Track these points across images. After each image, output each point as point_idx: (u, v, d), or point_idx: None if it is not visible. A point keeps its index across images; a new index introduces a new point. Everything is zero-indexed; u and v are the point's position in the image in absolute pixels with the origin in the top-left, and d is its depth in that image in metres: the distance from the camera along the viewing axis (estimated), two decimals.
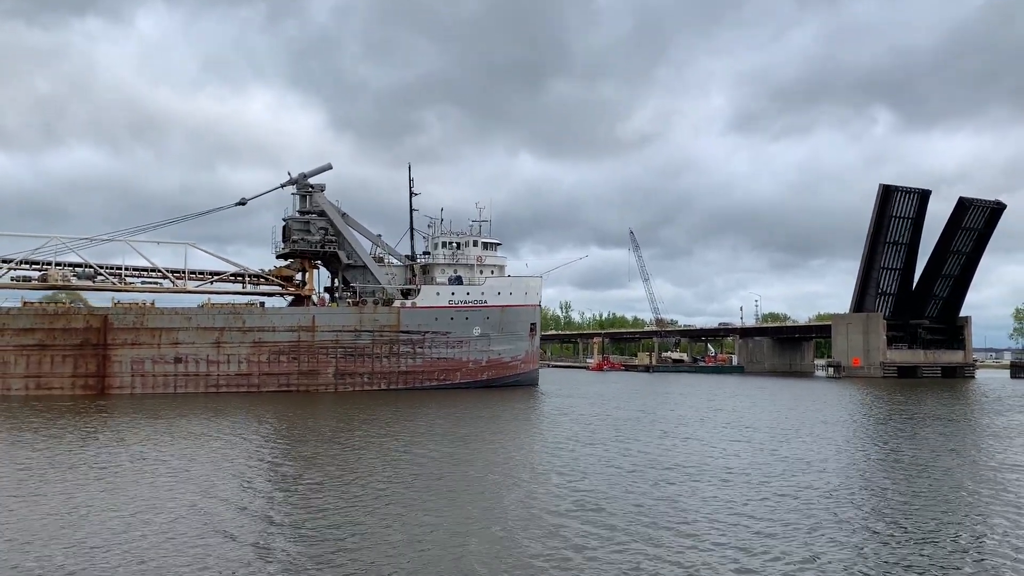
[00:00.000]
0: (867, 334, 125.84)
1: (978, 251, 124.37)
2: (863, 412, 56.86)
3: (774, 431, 42.40)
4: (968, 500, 23.71)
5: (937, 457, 32.72)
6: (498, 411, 54.83)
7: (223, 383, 72.95)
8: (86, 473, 27.91)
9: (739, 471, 28.69)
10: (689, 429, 43.61)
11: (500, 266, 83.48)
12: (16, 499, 23.36)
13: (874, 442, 38.38)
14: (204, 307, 75.77)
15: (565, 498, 23.56)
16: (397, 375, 77.15)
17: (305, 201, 79.96)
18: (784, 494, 24.20)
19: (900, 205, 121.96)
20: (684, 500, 23.30)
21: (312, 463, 30.42)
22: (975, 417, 53.14)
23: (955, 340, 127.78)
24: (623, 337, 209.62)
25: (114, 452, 33.27)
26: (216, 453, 33.36)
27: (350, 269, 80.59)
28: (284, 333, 74.69)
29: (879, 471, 29.15)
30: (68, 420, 46.63)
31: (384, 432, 41.23)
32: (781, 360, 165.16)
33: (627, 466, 29.77)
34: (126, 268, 74.37)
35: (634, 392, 79.20)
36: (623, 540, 18.70)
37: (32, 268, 72.09)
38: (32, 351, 68.71)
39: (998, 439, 39.74)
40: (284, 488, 25.33)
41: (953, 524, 20.59)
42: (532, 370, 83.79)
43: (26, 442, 36.51)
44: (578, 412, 54.38)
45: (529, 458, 32.17)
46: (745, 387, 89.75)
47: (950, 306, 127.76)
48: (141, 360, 71.14)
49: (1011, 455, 33.96)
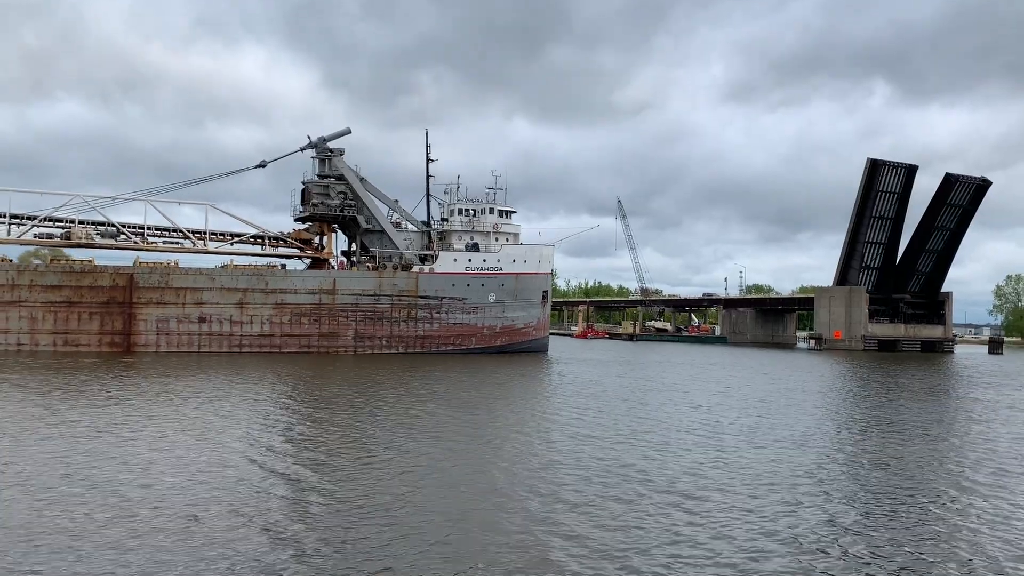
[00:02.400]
0: (849, 307, 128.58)
1: (962, 227, 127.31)
2: (846, 384, 58.99)
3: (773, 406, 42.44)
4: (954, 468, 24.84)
5: (908, 429, 33.15)
6: (527, 377, 57.26)
7: (246, 343, 74.22)
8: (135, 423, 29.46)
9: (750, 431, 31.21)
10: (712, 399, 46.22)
11: (515, 234, 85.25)
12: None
13: (855, 410, 40.25)
14: (227, 268, 76.64)
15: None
16: (414, 339, 79.00)
17: (324, 165, 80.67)
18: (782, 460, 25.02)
19: (887, 180, 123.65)
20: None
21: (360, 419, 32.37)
22: (946, 390, 55.21)
23: (936, 315, 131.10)
24: (608, 305, 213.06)
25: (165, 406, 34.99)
26: (256, 408, 35.11)
27: (368, 234, 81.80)
28: (305, 295, 75.98)
29: (861, 440, 30.00)
30: (107, 375, 47.99)
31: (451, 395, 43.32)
32: (764, 331, 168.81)
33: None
34: (148, 227, 74.87)
35: (626, 360, 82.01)
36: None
37: (55, 225, 72.33)
38: (60, 308, 69.28)
39: (963, 414, 40.26)
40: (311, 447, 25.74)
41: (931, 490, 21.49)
42: (543, 337, 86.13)
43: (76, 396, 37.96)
44: (602, 381, 56.99)
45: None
46: (730, 357, 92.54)
47: (932, 281, 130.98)
48: (166, 319, 72.09)
49: (972, 428, 35.65)
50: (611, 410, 36.77)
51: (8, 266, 69.44)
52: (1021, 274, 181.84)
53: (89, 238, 72.28)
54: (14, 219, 70.28)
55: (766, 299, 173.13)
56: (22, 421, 28.90)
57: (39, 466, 21.31)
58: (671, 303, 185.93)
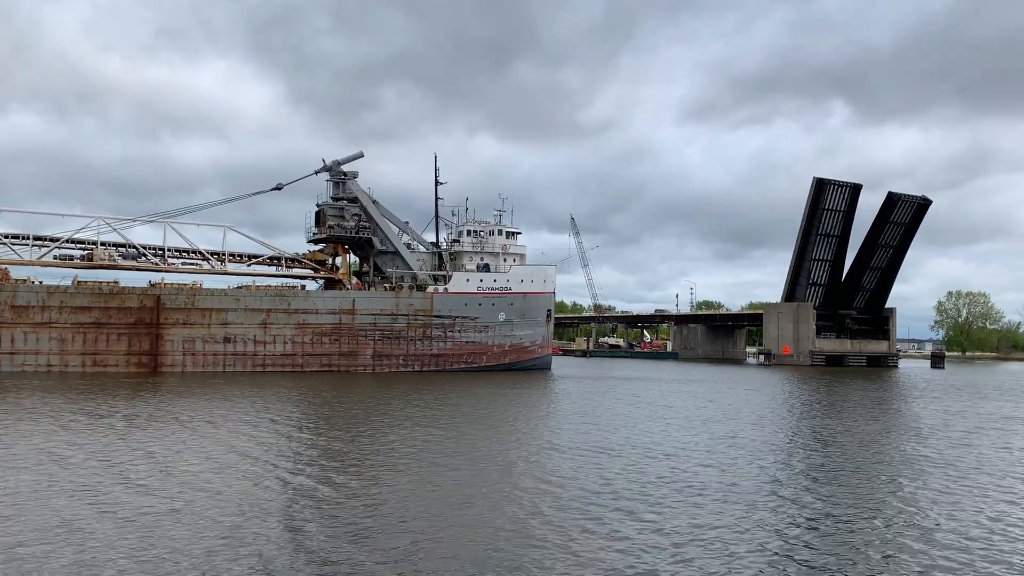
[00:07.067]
0: (797, 323, 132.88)
1: (905, 245, 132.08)
2: (793, 397, 59.45)
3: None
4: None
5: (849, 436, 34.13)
6: (536, 393, 60.73)
7: (269, 363, 75.30)
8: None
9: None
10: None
11: (521, 254, 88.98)
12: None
13: (801, 422, 40.86)
14: (250, 289, 77.54)
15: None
16: (429, 357, 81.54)
17: (339, 188, 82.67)
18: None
19: (833, 198, 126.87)
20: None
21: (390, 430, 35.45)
22: (890, 402, 56.91)
23: (880, 330, 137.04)
24: (561, 322, 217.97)
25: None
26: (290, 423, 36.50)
27: (381, 255, 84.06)
28: (326, 316, 77.62)
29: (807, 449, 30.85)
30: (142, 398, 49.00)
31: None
32: (714, 347, 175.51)
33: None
34: (168, 249, 75.15)
35: (599, 375, 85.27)
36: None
37: (77, 247, 71.91)
38: (88, 329, 69.01)
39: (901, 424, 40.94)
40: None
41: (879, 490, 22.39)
42: (547, 355, 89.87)
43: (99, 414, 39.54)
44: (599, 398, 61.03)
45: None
46: (682, 373, 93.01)
47: (877, 297, 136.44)
48: (192, 339, 72.57)
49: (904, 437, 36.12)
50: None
51: (38, 288, 68.81)
52: (961, 290, 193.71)
53: (112, 259, 72.19)
54: (37, 240, 69.63)
55: (716, 315, 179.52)
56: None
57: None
58: (624, 319, 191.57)
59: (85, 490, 20.45)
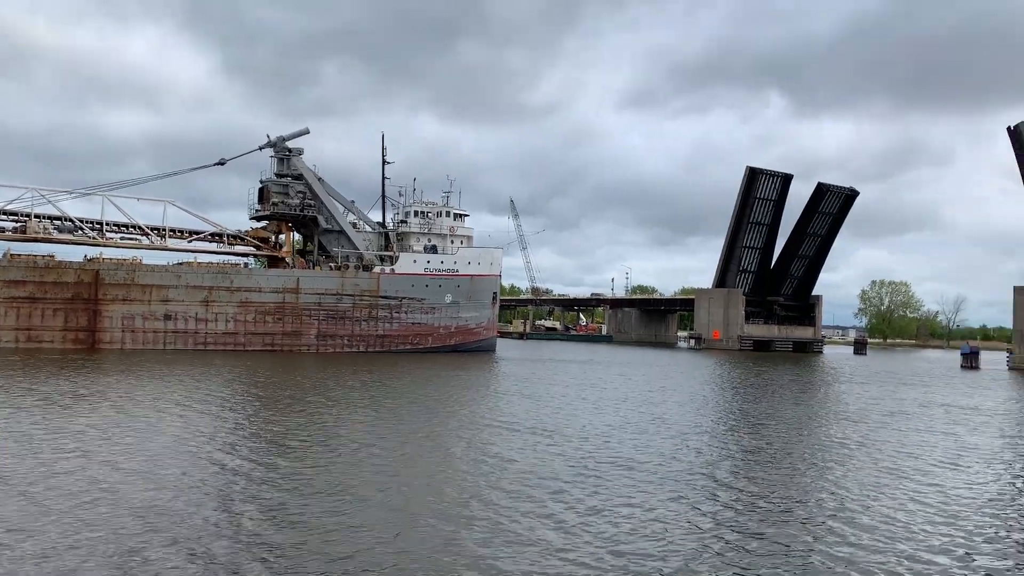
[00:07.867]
0: (727, 309, 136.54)
1: (832, 234, 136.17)
2: (724, 380, 61.67)
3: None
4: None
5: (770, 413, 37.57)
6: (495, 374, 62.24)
7: (211, 341, 74.40)
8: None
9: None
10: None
11: (468, 236, 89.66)
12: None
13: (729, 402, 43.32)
14: (191, 265, 76.33)
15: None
16: (375, 338, 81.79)
17: (283, 164, 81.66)
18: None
19: (764, 187, 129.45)
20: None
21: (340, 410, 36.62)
22: (817, 386, 58.92)
23: (807, 317, 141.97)
24: (500, 304, 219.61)
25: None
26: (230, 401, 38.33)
27: (326, 234, 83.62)
28: (270, 294, 77.03)
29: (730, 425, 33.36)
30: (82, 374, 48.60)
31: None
32: (647, 331, 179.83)
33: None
34: (106, 223, 73.36)
35: (538, 358, 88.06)
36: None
37: (8, 219, 69.52)
38: (23, 303, 66.93)
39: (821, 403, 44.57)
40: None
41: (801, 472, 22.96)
42: (493, 337, 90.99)
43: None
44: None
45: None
46: (616, 356, 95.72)
47: (804, 285, 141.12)
48: (132, 316, 71.16)
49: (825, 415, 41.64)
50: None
51: None
52: (884, 280, 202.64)
53: (47, 233, 70.05)
54: None
55: (650, 300, 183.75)
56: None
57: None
58: (561, 303, 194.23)
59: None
